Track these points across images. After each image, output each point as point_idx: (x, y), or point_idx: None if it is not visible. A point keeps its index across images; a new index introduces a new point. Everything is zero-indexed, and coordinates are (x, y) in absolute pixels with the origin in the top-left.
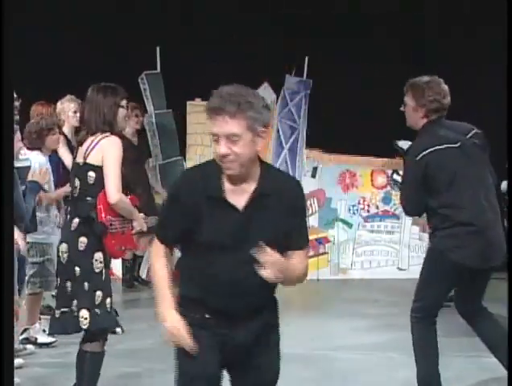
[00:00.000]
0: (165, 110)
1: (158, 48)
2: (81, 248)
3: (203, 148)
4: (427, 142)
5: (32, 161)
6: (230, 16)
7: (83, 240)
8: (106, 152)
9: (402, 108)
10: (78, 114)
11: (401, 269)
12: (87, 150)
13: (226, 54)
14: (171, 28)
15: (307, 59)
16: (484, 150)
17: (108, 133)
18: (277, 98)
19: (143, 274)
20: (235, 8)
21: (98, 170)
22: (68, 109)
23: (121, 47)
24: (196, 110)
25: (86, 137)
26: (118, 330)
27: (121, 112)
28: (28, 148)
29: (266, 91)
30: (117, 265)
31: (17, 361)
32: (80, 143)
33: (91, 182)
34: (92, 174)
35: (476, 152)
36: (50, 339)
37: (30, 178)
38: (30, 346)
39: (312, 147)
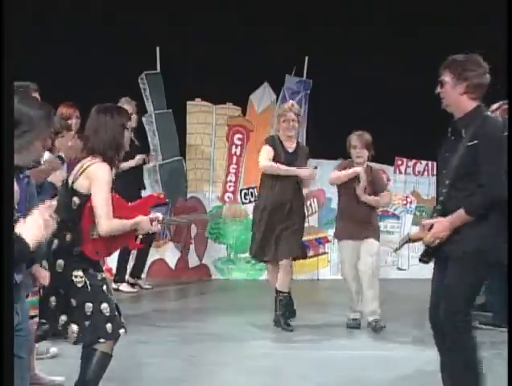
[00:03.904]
0: (165, 110)
1: (158, 48)
2: (59, 270)
3: (203, 148)
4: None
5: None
6: (230, 16)
7: (60, 262)
8: (93, 180)
9: (437, 90)
10: (135, 116)
11: (401, 269)
12: (76, 174)
13: (226, 54)
14: (171, 28)
15: (307, 59)
16: None
17: (98, 159)
18: (277, 98)
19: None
20: (235, 8)
21: (82, 197)
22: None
23: (121, 46)
24: (195, 110)
25: (85, 157)
26: (122, 331)
27: (126, 134)
28: None
29: (266, 91)
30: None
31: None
32: (78, 160)
33: (74, 207)
34: (76, 199)
35: None
36: None
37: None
38: (53, 349)
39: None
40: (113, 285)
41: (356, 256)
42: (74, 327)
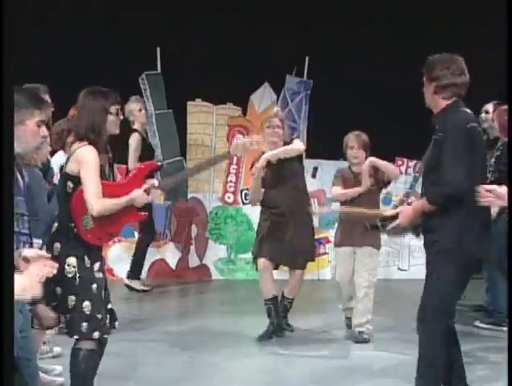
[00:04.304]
0: (165, 110)
1: (158, 48)
2: (56, 254)
3: (203, 148)
4: (468, 116)
5: (54, 162)
6: (230, 16)
7: (57, 245)
8: (81, 163)
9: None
10: (144, 112)
11: (401, 270)
12: (67, 159)
13: (227, 54)
14: (172, 28)
15: (307, 59)
16: None
17: (85, 142)
18: (277, 98)
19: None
20: (235, 8)
21: (75, 179)
22: (134, 109)
23: (122, 47)
24: (196, 110)
25: (74, 142)
26: (96, 334)
27: (111, 119)
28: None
29: (266, 91)
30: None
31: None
32: (69, 148)
33: (69, 191)
34: (70, 183)
35: None
36: None
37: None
38: (57, 349)
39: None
40: (126, 281)
41: (352, 262)
42: (62, 318)
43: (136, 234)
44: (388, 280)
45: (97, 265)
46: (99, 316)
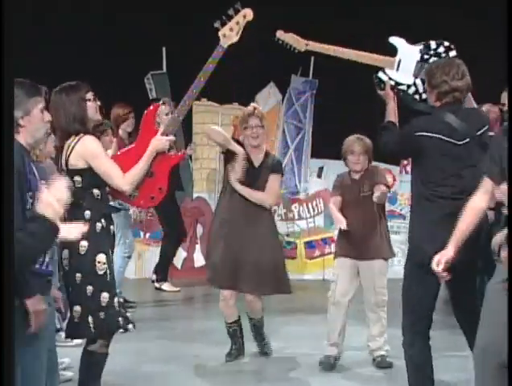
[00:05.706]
0: None
1: (164, 48)
2: (82, 252)
3: (209, 148)
4: (427, 124)
5: None
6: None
7: (83, 243)
8: (87, 156)
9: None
10: (170, 116)
11: None
12: (66, 156)
13: (232, 53)
14: (178, 28)
15: (312, 59)
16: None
17: (81, 134)
18: (283, 98)
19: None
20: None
21: (83, 172)
22: (161, 112)
23: (127, 46)
24: (202, 110)
25: (62, 142)
26: (130, 326)
27: (90, 105)
28: None
29: (271, 91)
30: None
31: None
32: (59, 149)
33: (79, 185)
34: (78, 178)
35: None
36: None
37: None
38: (77, 341)
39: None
40: (156, 285)
41: (352, 278)
42: (91, 319)
43: (142, 234)
44: (394, 279)
45: (112, 257)
46: (123, 311)
